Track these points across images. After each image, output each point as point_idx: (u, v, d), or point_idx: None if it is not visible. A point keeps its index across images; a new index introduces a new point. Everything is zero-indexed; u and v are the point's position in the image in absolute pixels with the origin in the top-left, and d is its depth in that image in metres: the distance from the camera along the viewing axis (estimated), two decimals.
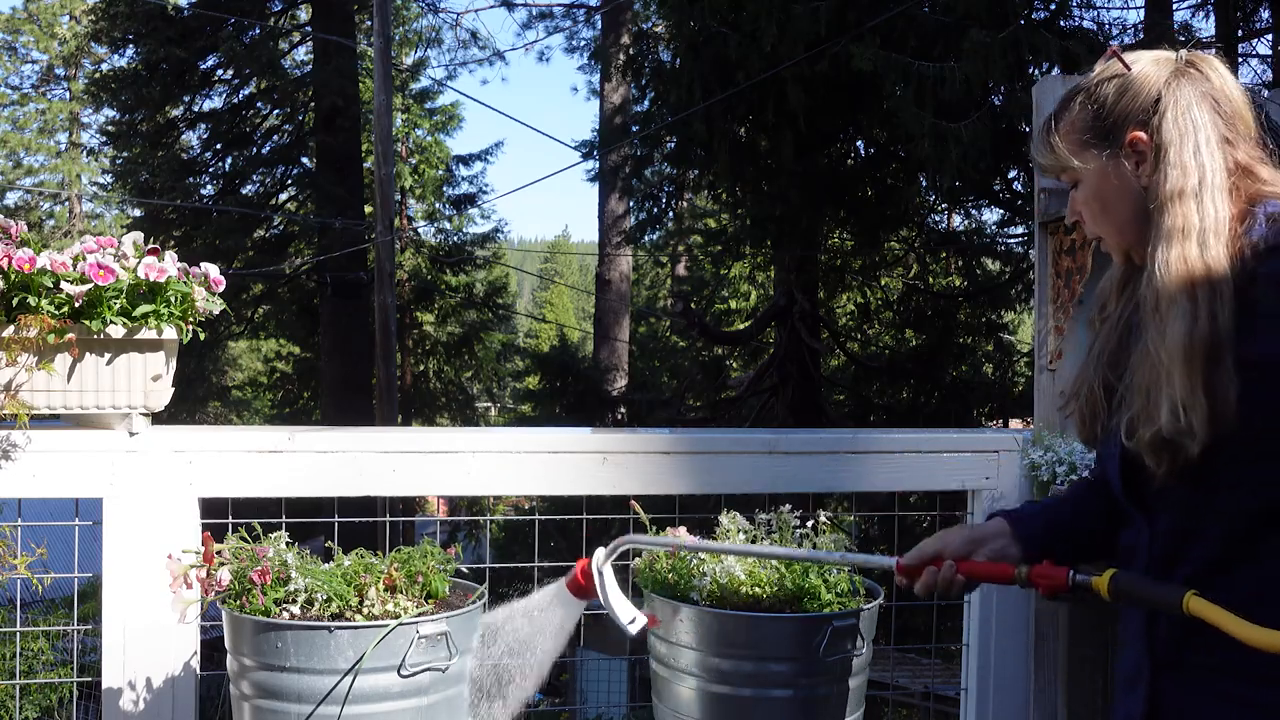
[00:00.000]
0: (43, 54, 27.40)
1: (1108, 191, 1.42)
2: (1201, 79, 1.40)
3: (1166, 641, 1.39)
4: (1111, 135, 1.41)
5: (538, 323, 32.85)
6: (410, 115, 19.71)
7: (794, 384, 10.04)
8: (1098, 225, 1.46)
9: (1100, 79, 1.44)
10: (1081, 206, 1.46)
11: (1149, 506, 1.40)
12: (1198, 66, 1.41)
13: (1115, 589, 1.36)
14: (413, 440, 2.30)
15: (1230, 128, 1.38)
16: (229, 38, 14.11)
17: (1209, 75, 1.41)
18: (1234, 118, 1.39)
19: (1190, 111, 1.37)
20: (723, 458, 2.40)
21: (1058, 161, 1.46)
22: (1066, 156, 1.44)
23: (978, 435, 2.53)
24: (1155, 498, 1.39)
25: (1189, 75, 1.40)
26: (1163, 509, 1.39)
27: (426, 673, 1.75)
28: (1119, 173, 1.41)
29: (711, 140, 8.48)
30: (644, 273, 21.69)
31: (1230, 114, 1.39)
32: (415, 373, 18.03)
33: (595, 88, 16.79)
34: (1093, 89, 1.43)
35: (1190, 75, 1.40)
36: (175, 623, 2.03)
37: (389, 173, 10.78)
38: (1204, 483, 1.32)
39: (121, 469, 2.11)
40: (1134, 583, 1.36)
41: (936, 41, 7.26)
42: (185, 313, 2.10)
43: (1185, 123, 1.36)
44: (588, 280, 28.18)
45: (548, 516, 8.08)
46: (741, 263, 13.20)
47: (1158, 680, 1.40)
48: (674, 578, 1.94)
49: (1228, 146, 1.37)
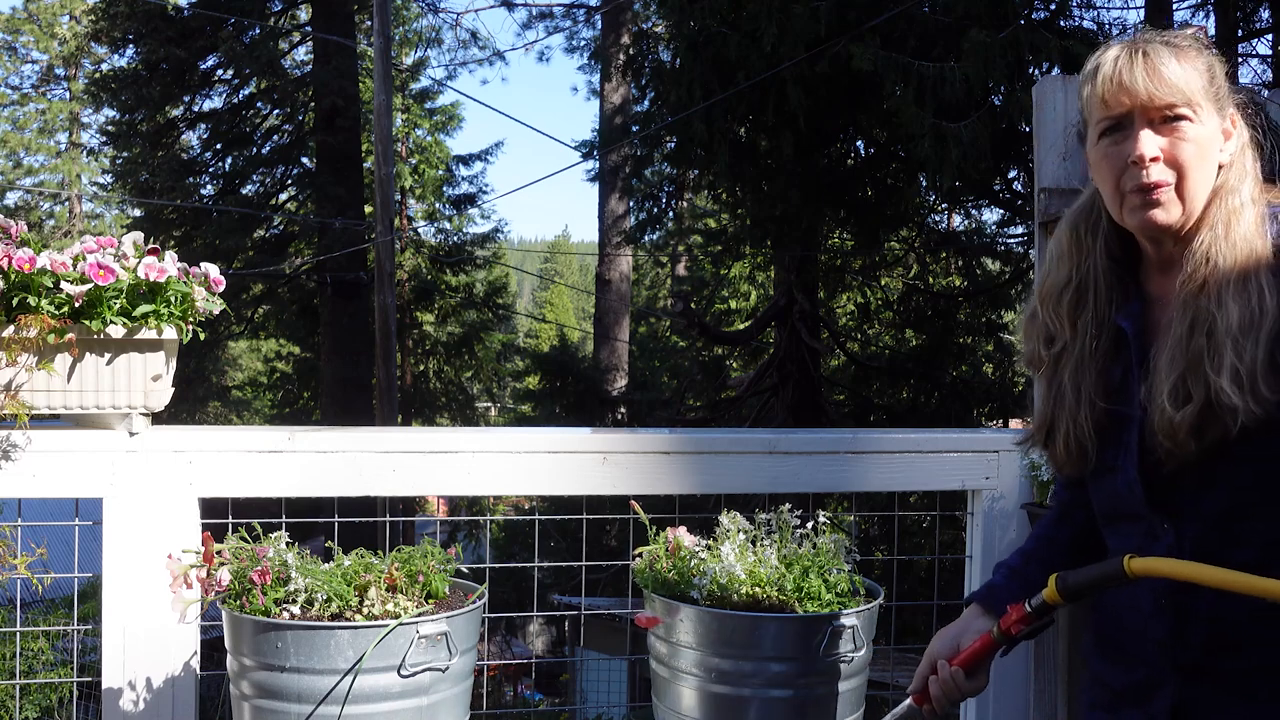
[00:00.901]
0: (43, 54, 27.41)
1: (1212, 149, 1.37)
2: None
3: (1199, 649, 1.37)
4: (1220, 103, 1.38)
5: (538, 323, 32.86)
6: (410, 115, 19.73)
7: (794, 384, 10.04)
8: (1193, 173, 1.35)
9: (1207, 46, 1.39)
10: (1184, 145, 1.34)
11: (1174, 513, 1.38)
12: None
13: (1064, 590, 1.41)
14: (413, 440, 2.30)
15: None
16: (229, 38, 14.12)
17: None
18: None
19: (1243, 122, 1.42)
20: (723, 458, 2.40)
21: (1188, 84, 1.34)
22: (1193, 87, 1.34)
23: (978, 435, 2.54)
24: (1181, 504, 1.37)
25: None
26: (1190, 515, 1.37)
27: (426, 673, 1.75)
28: (1216, 137, 1.38)
29: (711, 140, 8.48)
30: (644, 273, 21.69)
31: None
32: (415, 373, 18.04)
33: (595, 88, 16.81)
34: (1202, 51, 1.38)
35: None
36: (175, 623, 2.03)
37: (389, 173, 10.78)
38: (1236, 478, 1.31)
39: (121, 469, 2.11)
40: (1077, 576, 1.41)
41: (936, 41, 7.26)
42: (185, 313, 2.10)
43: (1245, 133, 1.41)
44: (588, 280, 28.18)
45: (548, 516, 8.09)
46: (741, 263, 13.21)
47: (1185, 690, 1.38)
48: (674, 578, 1.94)
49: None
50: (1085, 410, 1.43)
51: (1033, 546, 1.63)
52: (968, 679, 1.51)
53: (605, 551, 10.33)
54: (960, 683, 1.51)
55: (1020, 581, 1.56)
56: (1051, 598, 1.42)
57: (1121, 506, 1.44)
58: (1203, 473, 1.33)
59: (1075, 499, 1.59)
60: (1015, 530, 2.50)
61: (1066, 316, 1.47)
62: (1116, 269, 1.45)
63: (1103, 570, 1.37)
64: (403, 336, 16.54)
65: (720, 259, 13.13)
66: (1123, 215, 1.39)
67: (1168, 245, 1.39)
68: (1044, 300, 1.50)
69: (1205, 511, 1.35)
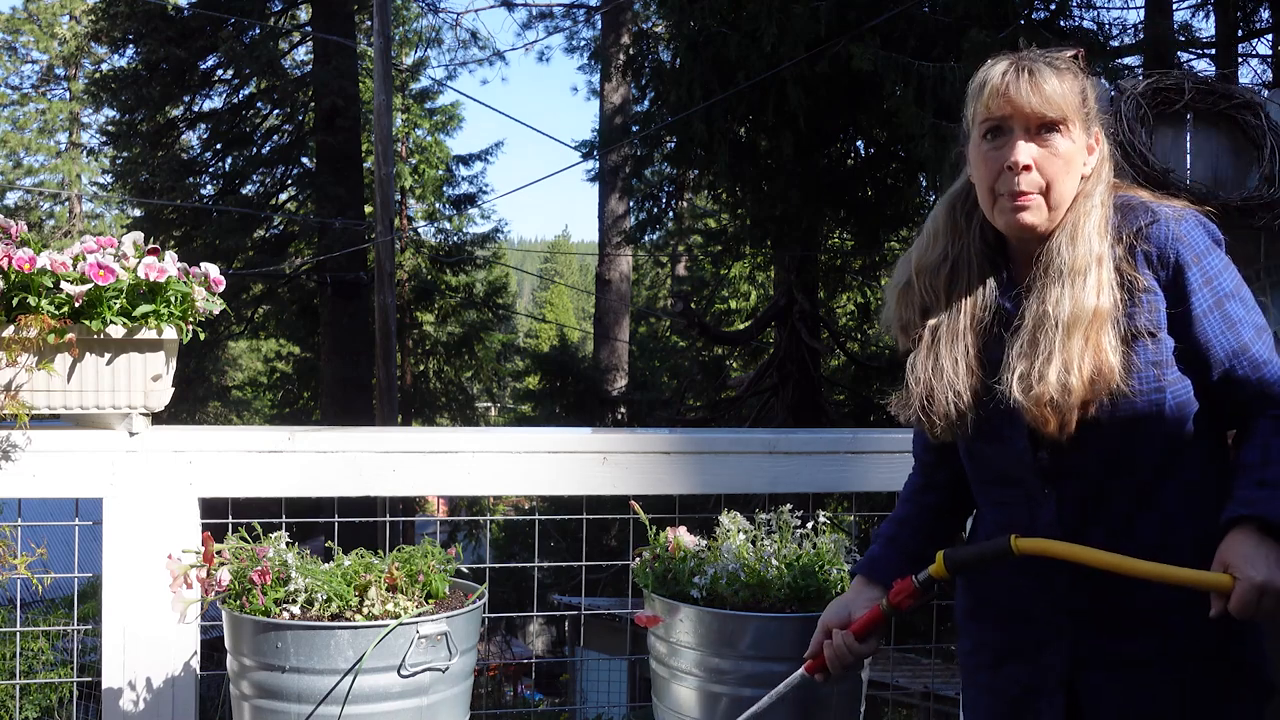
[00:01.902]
0: (43, 54, 27.40)
1: (1076, 163, 1.50)
2: None
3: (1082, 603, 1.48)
4: (1089, 122, 1.52)
5: (538, 323, 32.86)
6: (410, 115, 19.72)
7: (794, 384, 10.03)
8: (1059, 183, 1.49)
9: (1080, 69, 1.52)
10: (1051, 157, 1.48)
11: (1053, 477, 1.50)
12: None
13: (951, 565, 1.52)
14: (413, 440, 2.30)
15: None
16: (229, 38, 14.11)
17: None
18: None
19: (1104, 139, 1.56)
20: (723, 458, 2.40)
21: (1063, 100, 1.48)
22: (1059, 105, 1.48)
23: None
24: (1061, 468, 1.48)
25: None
26: (1070, 477, 1.49)
27: (426, 673, 1.75)
28: (1082, 151, 1.51)
29: (711, 140, 8.48)
30: (644, 273, 21.68)
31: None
32: (415, 373, 18.04)
33: (595, 88, 16.79)
34: (1077, 73, 1.51)
35: None
36: (175, 623, 2.03)
37: (389, 173, 10.78)
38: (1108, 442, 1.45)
39: (121, 469, 2.11)
40: (962, 552, 1.53)
41: (936, 41, 7.26)
42: (185, 313, 2.10)
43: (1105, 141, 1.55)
44: (588, 280, 28.18)
45: (548, 516, 8.09)
46: (741, 263, 13.21)
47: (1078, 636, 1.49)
48: (674, 577, 1.94)
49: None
50: (965, 381, 1.53)
51: (904, 512, 1.74)
52: (860, 644, 1.62)
53: (605, 551, 10.33)
54: (853, 647, 1.61)
55: (898, 550, 1.69)
56: (938, 573, 1.53)
57: (1009, 472, 1.55)
58: (1078, 442, 1.45)
59: (938, 460, 1.70)
60: None
61: (943, 290, 1.58)
62: (989, 253, 1.58)
63: (989, 548, 1.49)
64: (403, 336, 16.53)
65: (720, 259, 13.13)
66: (994, 214, 1.52)
67: (1031, 243, 1.52)
68: (919, 273, 1.61)
69: (1083, 475, 1.48)
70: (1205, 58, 8.39)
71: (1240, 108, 2.35)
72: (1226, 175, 2.38)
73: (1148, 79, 2.35)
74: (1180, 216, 1.48)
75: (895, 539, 1.71)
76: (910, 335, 1.60)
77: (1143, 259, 1.46)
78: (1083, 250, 1.46)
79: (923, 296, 1.59)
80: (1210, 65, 8.12)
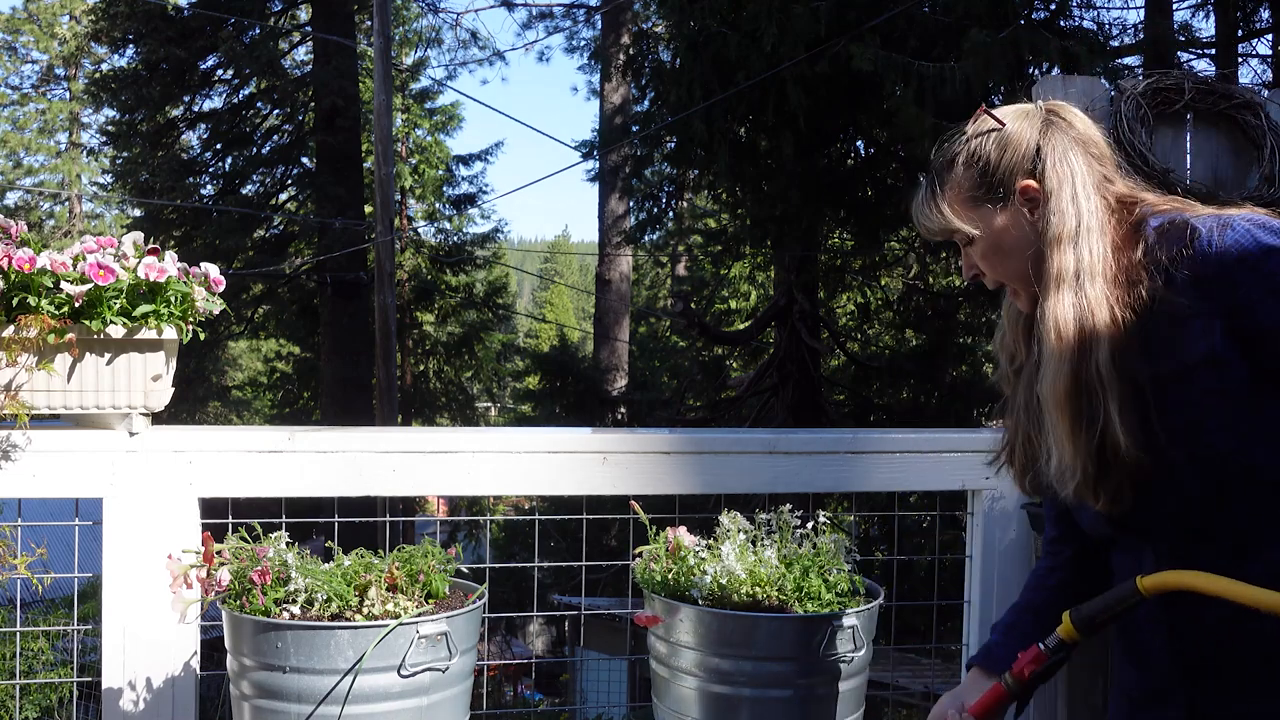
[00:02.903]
0: (43, 54, 27.41)
1: (1008, 242, 1.45)
2: (1067, 126, 1.45)
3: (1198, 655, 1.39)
4: (1003, 188, 1.45)
5: (538, 323, 32.86)
6: (410, 115, 19.72)
7: (794, 384, 10.03)
8: (1002, 276, 1.48)
9: (976, 138, 1.47)
10: (980, 261, 1.49)
11: (1138, 532, 1.43)
12: (1060, 115, 1.47)
13: (1079, 622, 1.38)
14: (413, 440, 2.30)
15: (1103, 167, 1.45)
16: (229, 38, 14.11)
17: (1073, 122, 1.46)
18: (1103, 158, 1.46)
19: (1066, 158, 1.42)
20: (723, 458, 2.40)
21: (948, 224, 1.48)
22: (958, 219, 1.47)
23: (978, 435, 2.53)
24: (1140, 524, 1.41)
25: (1057, 124, 1.45)
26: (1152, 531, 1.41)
27: (427, 673, 1.75)
28: (1016, 223, 1.44)
29: (711, 140, 8.47)
30: (644, 273, 21.69)
31: (1100, 155, 1.45)
32: (415, 373, 18.04)
33: (595, 88, 16.80)
34: (972, 150, 1.47)
35: (1058, 124, 1.45)
36: (175, 623, 2.03)
37: (389, 173, 10.78)
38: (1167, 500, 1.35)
39: (121, 469, 2.11)
40: (1089, 607, 1.39)
41: (936, 41, 7.26)
42: (185, 313, 2.09)
43: (1064, 170, 1.42)
44: (588, 280, 28.18)
45: (548, 516, 8.09)
46: (741, 263, 13.21)
47: (1194, 692, 1.40)
48: (674, 577, 1.94)
49: (1107, 185, 1.43)
50: (1032, 430, 1.48)
51: (1027, 599, 1.65)
52: None
53: (605, 551, 10.33)
54: None
55: (1018, 636, 1.57)
56: (1067, 633, 1.40)
57: (1102, 532, 1.48)
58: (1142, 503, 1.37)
59: (1063, 534, 1.62)
60: (1015, 530, 2.50)
61: (1022, 337, 1.53)
62: None
63: (1115, 595, 1.36)
64: (403, 336, 16.54)
65: (720, 259, 13.13)
66: None
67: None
68: (1006, 319, 1.58)
69: (1164, 532, 1.39)
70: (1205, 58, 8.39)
71: (1240, 108, 2.35)
72: (1226, 175, 2.38)
73: (1148, 79, 2.34)
74: (1226, 225, 1.34)
75: (1015, 626, 1.61)
76: (1006, 385, 1.58)
77: (1186, 284, 1.33)
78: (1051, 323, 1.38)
79: (1010, 344, 1.57)
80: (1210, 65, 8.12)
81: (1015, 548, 2.50)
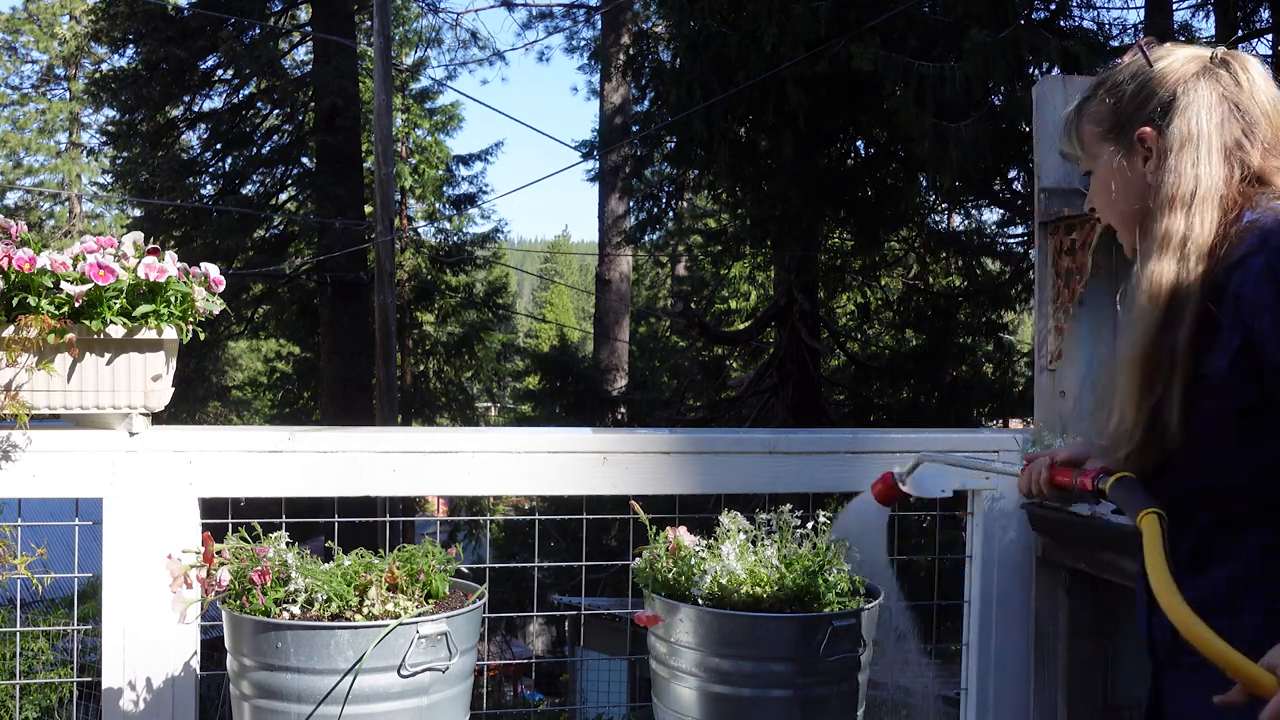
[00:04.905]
0: (43, 54, 27.40)
1: (1116, 184, 1.41)
2: (1230, 80, 1.34)
3: (1160, 641, 1.41)
4: (1125, 130, 1.39)
5: (538, 323, 32.86)
6: (410, 115, 19.72)
7: (794, 384, 10.03)
8: (1107, 218, 1.46)
9: (1124, 72, 1.41)
10: (1093, 196, 1.47)
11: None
12: (1230, 67, 1.35)
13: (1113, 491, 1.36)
14: (413, 440, 2.30)
15: (1249, 134, 1.33)
16: (229, 38, 14.11)
17: (1239, 77, 1.35)
18: (1255, 123, 1.33)
19: (1200, 116, 1.32)
20: (723, 458, 2.40)
21: (1071, 148, 1.49)
22: (1079, 147, 1.47)
23: (977, 435, 2.54)
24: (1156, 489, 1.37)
25: (1215, 76, 1.35)
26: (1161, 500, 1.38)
27: (426, 673, 1.75)
28: (1134, 167, 1.38)
29: (711, 140, 8.47)
30: (644, 273, 21.68)
31: (1253, 119, 1.33)
32: (415, 373, 18.04)
33: (595, 88, 16.80)
34: (1116, 81, 1.41)
35: (1217, 76, 1.35)
36: (175, 623, 2.03)
37: (389, 173, 10.77)
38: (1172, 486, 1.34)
39: (121, 469, 2.11)
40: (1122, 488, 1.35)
41: (936, 41, 7.26)
42: (185, 313, 2.10)
43: (1193, 127, 1.32)
44: (588, 280, 28.17)
45: (548, 516, 8.08)
46: (741, 263, 13.20)
47: (1161, 679, 1.43)
48: (674, 577, 1.94)
49: (1240, 153, 1.32)
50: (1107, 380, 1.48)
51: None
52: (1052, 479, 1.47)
53: (605, 551, 10.32)
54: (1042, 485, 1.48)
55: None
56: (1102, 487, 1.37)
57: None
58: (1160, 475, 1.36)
59: None
60: (1015, 530, 2.50)
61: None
62: None
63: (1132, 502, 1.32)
64: (403, 336, 16.53)
65: (720, 259, 13.13)
66: None
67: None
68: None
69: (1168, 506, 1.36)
70: None
71: None
72: None
73: None
74: None
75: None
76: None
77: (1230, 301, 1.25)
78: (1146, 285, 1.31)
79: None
80: None
81: (1015, 548, 2.50)
